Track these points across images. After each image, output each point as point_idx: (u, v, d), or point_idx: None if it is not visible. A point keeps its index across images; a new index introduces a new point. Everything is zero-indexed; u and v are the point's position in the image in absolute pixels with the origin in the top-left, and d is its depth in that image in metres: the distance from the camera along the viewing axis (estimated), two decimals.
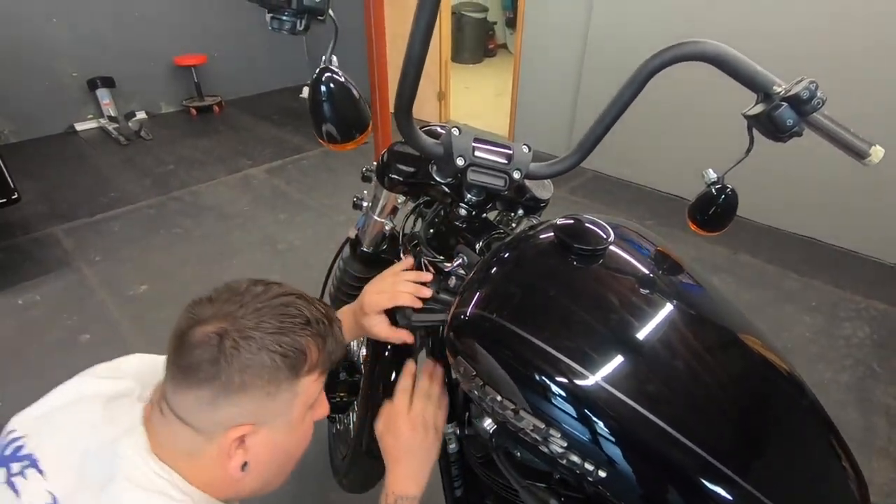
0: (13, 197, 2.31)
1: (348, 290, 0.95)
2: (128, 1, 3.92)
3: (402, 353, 1.01)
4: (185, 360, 0.51)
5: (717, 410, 0.50)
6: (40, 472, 0.52)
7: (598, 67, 3.14)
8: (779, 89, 0.55)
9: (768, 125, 0.56)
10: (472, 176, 0.65)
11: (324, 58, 0.50)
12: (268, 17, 0.43)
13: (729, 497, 0.46)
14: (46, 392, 0.63)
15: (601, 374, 0.48)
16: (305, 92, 5.13)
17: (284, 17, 0.43)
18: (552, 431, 0.50)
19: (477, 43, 6.27)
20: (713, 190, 0.67)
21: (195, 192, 3.09)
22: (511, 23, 6.44)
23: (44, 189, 3.07)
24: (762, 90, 0.57)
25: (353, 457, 1.13)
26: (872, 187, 2.41)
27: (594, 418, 0.47)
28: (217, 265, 2.40)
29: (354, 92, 0.52)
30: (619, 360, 0.50)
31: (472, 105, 4.73)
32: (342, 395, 1.14)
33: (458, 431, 0.83)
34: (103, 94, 3.92)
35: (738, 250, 2.56)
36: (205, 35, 4.41)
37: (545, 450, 0.51)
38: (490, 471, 0.77)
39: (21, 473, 0.52)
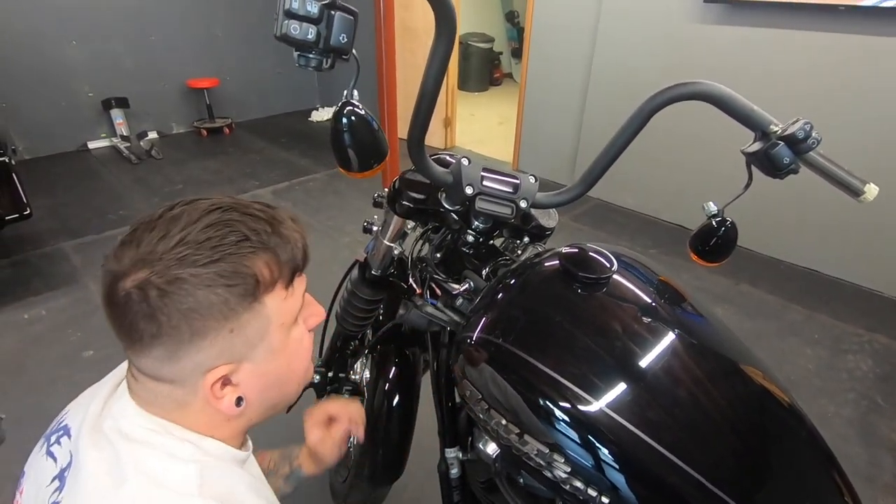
0: (25, 213, 2.34)
1: (356, 311, 0.97)
2: (144, 25, 4.04)
3: (406, 379, 1.02)
4: (121, 324, 0.45)
5: (717, 438, 0.51)
6: (69, 437, 0.52)
7: (601, 98, 3.21)
8: (776, 128, 0.58)
9: (765, 163, 0.59)
10: (480, 204, 0.68)
11: (345, 92, 0.53)
12: (295, 54, 0.46)
13: None
14: (47, 407, 0.64)
15: (605, 401, 0.49)
16: (314, 115, 5.23)
17: (311, 56, 0.46)
18: (556, 456, 0.51)
19: (483, 72, 6.41)
20: (713, 222, 0.70)
21: None
22: (516, 53, 6.60)
23: (54, 205, 3.12)
24: (759, 129, 0.59)
25: (353, 480, 1.13)
26: (875, 221, 2.43)
27: (598, 444, 0.48)
28: None
29: (373, 124, 0.55)
30: (622, 386, 0.51)
31: (477, 132, 4.81)
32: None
33: (460, 456, 0.83)
34: (117, 114, 4.01)
35: (741, 281, 2.57)
36: (217, 59, 4.54)
37: (549, 475, 0.52)
38: (492, 496, 0.77)
39: (58, 442, 0.52)
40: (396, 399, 1.01)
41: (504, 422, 0.54)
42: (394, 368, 1.01)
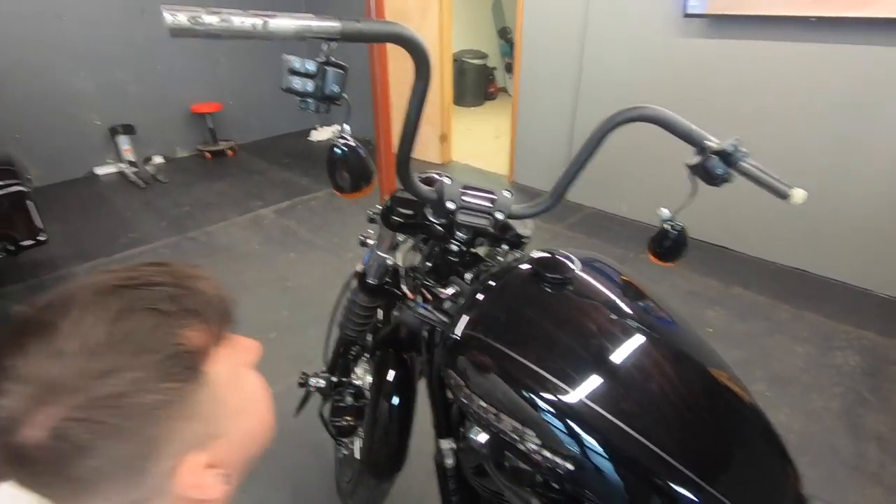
0: (41, 238, 2.45)
1: (356, 318, 1.06)
2: (149, 55, 4.20)
3: (404, 380, 1.10)
4: (40, 480, 0.36)
5: (666, 409, 0.59)
6: None
7: (590, 110, 3.32)
8: (711, 144, 0.67)
9: (703, 173, 0.68)
10: (461, 217, 0.77)
11: (338, 128, 0.62)
12: (297, 100, 0.56)
13: (674, 485, 0.54)
14: None
15: (563, 379, 0.58)
16: (313, 135, 5.36)
17: (310, 101, 0.56)
18: (527, 430, 0.59)
19: (477, 87, 6.57)
20: (667, 226, 0.79)
21: (209, 232, 3.24)
22: (510, 68, 6.75)
23: (67, 230, 3.23)
24: (698, 145, 0.68)
25: (358, 477, 1.21)
26: (862, 221, 2.51)
27: (558, 416, 0.57)
28: None
29: (361, 153, 0.64)
30: (580, 367, 0.59)
31: (473, 146, 4.93)
32: (348, 419, 1.22)
33: (454, 446, 0.91)
34: (123, 141, 4.15)
35: (732, 284, 2.65)
36: (219, 84, 4.69)
37: (523, 448, 0.61)
38: (483, 480, 0.85)
39: None
40: (396, 399, 1.09)
41: (483, 404, 0.62)
42: (392, 371, 1.10)
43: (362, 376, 1.26)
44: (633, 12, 2.94)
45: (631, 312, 0.67)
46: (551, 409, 0.57)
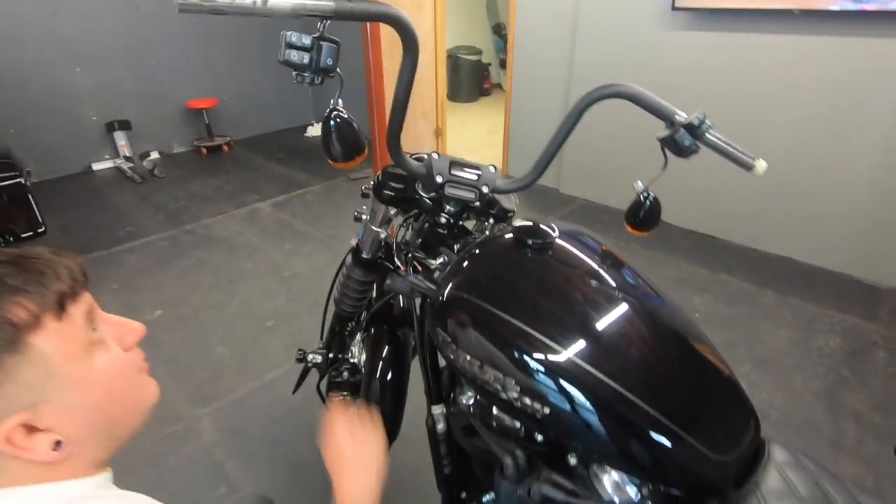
0: (40, 230, 2.49)
1: (351, 293, 1.11)
2: (145, 50, 4.23)
3: (397, 356, 1.15)
4: None
5: (635, 358, 0.64)
6: None
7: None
8: (679, 118, 0.72)
9: (672, 145, 0.73)
10: (449, 190, 0.82)
11: (332, 101, 0.67)
12: (293, 74, 0.61)
13: (643, 425, 0.60)
14: None
15: (539, 331, 0.63)
16: (309, 131, 5.40)
17: (306, 74, 0.60)
18: (508, 379, 0.64)
19: (472, 83, 6.61)
20: (641, 198, 0.84)
21: (206, 225, 3.27)
22: (504, 64, 6.78)
23: (64, 224, 3.26)
24: (667, 119, 0.74)
25: None
26: (845, 209, 2.58)
27: (534, 365, 0.62)
28: (227, 292, 2.56)
29: (354, 125, 0.69)
30: (555, 320, 0.65)
31: (468, 142, 4.98)
32: (345, 393, 1.27)
33: (444, 411, 0.96)
34: (120, 136, 4.18)
35: (719, 271, 2.71)
36: (215, 80, 4.72)
37: (505, 396, 0.66)
38: (472, 439, 0.90)
39: None
40: (389, 374, 1.14)
41: (468, 357, 0.68)
42: (386, 347, 1.15)
43: (358, 354, 1.31)
44: (622, 7, 2.99)
45: (606, 275, 0.72)
46: (528, 359, 0.62)
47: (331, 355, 1.30)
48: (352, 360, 1.32)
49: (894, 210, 2.46)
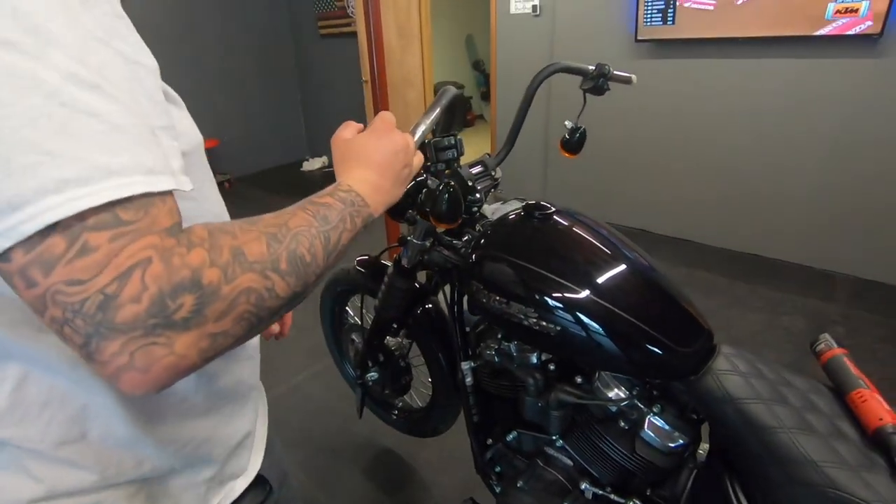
0: None
1: (394, 300, 1.29)
2: None
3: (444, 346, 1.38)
4: None
5: (622, 286, 0.89)
6: None
7: (561, 130, 3.71)
8: (591, 69, 1.10)
9: (592, 88, 1.11)
10: (479, 185, 1.08)
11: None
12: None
13: (625, 330, 0.84)
14: None
15: (550, 271, 0.88)
16: (305, 165, 5.64)
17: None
18: (528, 308, 0.88)
19: (457, 115, 6.99)
20: (573, 129, 1.17)
21: None
22: (485, 96, 7.22)
23: None
24: (586, 74, 1.12)
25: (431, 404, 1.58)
26: (802, 208, 2.91)
27: (547, 294, 0.86)
28: None
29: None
30: (561, 263, 0.90)
31: None
32: (406, 377, 1.48)
33: (472, 365, 1.19)
34: None
35: (695, 268, 3.00)
36: (216, 121, 5.00)
37: (526, 323, 0.90)
38: (497, 380, 1.13)
39: None
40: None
41: (497, 298, 0.92)
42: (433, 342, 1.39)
43: (399, 345, 1.49)
44: (591, 42, 3.36)
45: (594, 234, 0.97)
46: (542, 291, 0.87)
47: (381, 359, 1.47)
48: (396, 353, 1.47)
49: (842, 207, 2.79)
